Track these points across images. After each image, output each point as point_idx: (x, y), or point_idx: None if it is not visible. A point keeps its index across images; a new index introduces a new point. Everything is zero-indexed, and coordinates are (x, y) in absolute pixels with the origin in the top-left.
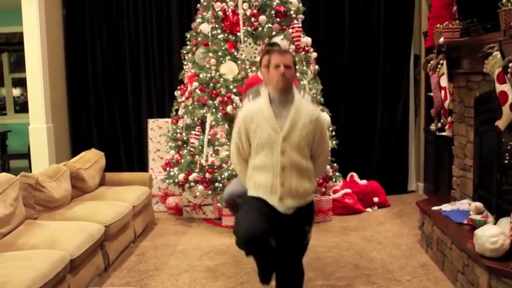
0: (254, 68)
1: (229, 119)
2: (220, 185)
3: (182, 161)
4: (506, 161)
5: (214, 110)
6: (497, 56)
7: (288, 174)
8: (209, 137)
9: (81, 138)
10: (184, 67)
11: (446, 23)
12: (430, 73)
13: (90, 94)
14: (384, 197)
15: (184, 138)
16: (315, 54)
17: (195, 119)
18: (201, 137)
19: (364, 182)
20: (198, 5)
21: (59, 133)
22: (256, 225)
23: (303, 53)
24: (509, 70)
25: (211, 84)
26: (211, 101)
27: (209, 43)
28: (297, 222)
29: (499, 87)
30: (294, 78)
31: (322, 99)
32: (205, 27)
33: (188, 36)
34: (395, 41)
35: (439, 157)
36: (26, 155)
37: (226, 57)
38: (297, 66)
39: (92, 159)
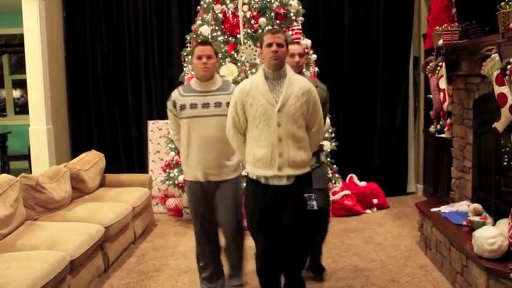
0: (254, 70)
1: None
2: None
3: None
4: (505, 163)
5: None
6: (495, 58)
7: (285, 144)
8: None
9: (81, 139)
10: (184, 69)
11: (446, 25)
12: (429, 75)
13: (90, 95)
14: (383, 198)
15: None
16: (314, 56)
17: None
18: None
19: (363, 183)
20: (198, 7)
21: (59, 134)
22: (268, 260)
23: None
24: (507, 72)
25: None
26: None
27: None
28: (297, 191)
29: (498, 89)
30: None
31: None
32: (205, 29)
33: (188, 38)
34: (394, 43)
35: (438, 159)
36: (26, 156)
37: (226, 59)
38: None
39: (92, 161)
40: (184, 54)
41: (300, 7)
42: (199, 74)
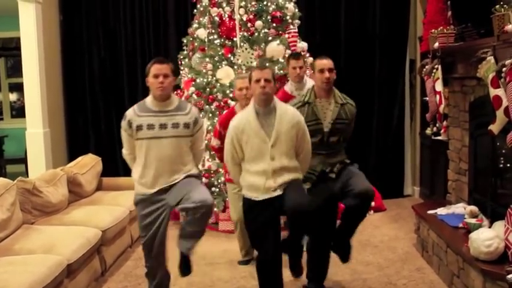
0: None
1: None
2: (217, 189)
3: None
4: (501, 165)
5: (210, 115)
6: (490, 60)
7: (278, 174)
8: (206, 141)
9: (78, 143)
10: (181, 72)
11: (441, 28)
12: (425, 78)
13: (86, 99)
14: (380, 201)
15: None
16: (311, 59)
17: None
18: None
19: None
20: (195, 11)
21: (56, 138)
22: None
23: None
24: (502, 75)
25: (207, 89)
26: (207, 106)
27: (206, 48)
28: (291, 188)
29: (493, 92)
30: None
31: None
32: (201, 33)
33: (185, 41)
34: (390, 46)
35: (435, 161)
36: (23, 160)
37: (223, 62)
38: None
39: (88, 164)
40: (181, 57)
41: (296, 10)
42: (155, 93)
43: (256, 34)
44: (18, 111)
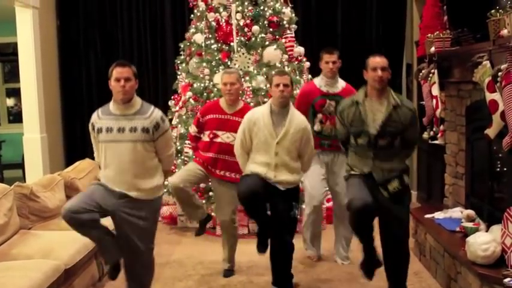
0: (247, 78)
1: None
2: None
3: (176, 170)
4: (497, 169)
5: None
6: (486, 65)
7: (280, 169)
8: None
9: (75, 148)
10: (178, 77)
11: (437, 32)
12: (422, 82)
13: (84, 104)
14: None
15: (179, 147)
16: (308, 64)
17: (189, 128)
18: None
19: None
20: (192, 16)
21: (53, 143)
22: (255, 184)
23: (296, 62)
24: (498, 79)
25: (205, 94)
26: None
27: (203, 53)
28: (286, 196)
29: (489, 96)
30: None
31: None
32: (199, 38)
33: (182, 46)
34: (387, 50)
35: (432, 165)
36: (20, 165)
37: (220, 67)
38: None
39: (86, 169)
40: (178, 62)
41: (293, 15)
42: (117, 97)
43: (253, 39)
44: (16, 117)
